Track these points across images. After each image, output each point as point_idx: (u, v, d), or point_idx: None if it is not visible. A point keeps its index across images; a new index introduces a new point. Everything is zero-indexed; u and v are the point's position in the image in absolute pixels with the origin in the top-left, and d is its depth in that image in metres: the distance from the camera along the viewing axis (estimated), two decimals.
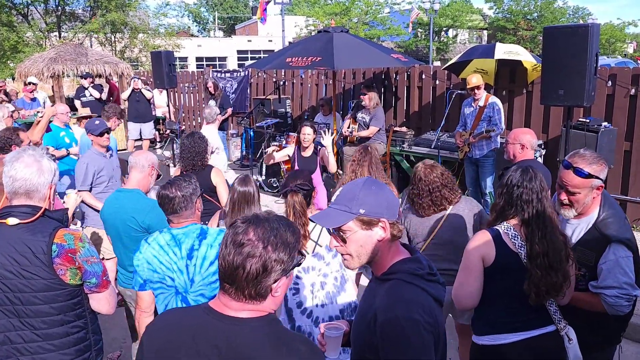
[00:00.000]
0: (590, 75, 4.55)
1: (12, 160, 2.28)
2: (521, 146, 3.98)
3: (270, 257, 1.45)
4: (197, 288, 2.64)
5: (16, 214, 2.22)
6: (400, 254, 1.84)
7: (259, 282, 1.46)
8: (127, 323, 3.97)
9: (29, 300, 2.19)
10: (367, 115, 7.53)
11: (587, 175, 2.55)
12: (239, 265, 1.44)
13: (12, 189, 2.26)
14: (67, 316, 2.28)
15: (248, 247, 1.45)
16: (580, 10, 39.95)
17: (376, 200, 1.75)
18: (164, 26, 25.81)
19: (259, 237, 1.46)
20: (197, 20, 64.32)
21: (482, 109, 6.30)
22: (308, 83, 10.42)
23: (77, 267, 2.26)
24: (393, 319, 1.65)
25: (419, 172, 3.44)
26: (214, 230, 2.75)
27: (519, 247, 2.45)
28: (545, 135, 6.97)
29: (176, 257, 2.65)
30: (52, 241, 2.20)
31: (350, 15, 31.87)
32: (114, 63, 13.45)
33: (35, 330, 2.22)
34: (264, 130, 9.29)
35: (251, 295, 1.48)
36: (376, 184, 1.82)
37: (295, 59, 7.09)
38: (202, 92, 12.44)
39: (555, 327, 2.47)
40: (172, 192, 2.69)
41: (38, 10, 21.56)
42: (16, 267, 2.17)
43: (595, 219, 2.62)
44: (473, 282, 2.49)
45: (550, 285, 2.39)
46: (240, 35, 48.59)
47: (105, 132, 4.82)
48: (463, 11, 39.33)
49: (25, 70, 12.67)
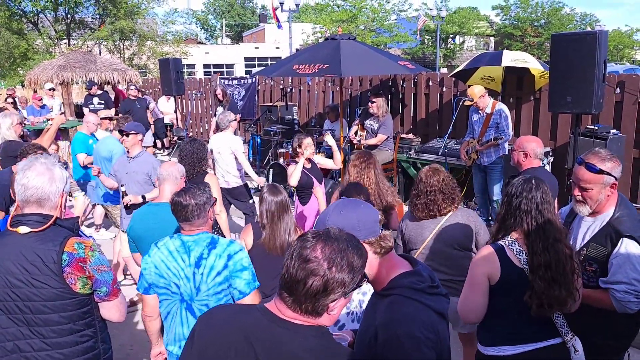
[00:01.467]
0: (599, 82, 4.54)
1: (24, 169, 2.29)
2: (524, 154, 3.96)
3: (334, 278, 1.44)
4: (202, 297, 2.64)
5: (27, 222, 2.23)
6: (398, 267, 1.79)
7: (317, 300, 1.46)
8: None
9: (39, 309, 2.19)
10: (376, 123, 7.53)
11: (598, 171, 2.58)
12: (301, 280, 1.44)
13: (24, 197, 2.26)
14: (77, 325, 2.28)
15: (313, 264, 1.44)
16: (588, 17, 39.80)
17: (345, 223, 1.69)
18: (171, 33, 26.07)
19: (326, 256, 1.45)
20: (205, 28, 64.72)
21: (490, 115, 6.28)
22: (315, 90, 10.45)
23: (88, 276, 2.25)
24: (393, 337, 1.63)
25: (421, 174, 3.44)
26: (225, 241, 2.72)
27: (524, 263, 2.42)
28: (553, 142, 6.94)
29: (184, 263, 2.65)
30: (62, 250, 2.20)
31: (358, 22, 31.99)
32: (122, 70, 13.57)
33: (45, 339, 2.22)
34: (271, 137, 9.32)
35: (307, 311, 1.48)
36: (346, 205, 1.77)
37: (303, 66, 7.11)
38: (209, 99, 12.50)
39: (561, 339, 2.44)
40: (186, 200, 2.68)
41: (48, 18, 21.78)
42: (26, 276, 2.17)
43: (610, 217, 2.65)
44: (478, 297, 2.47)
45: (554, 298, 2.36)
46: (248, 42, 48.81)
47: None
48: (470, 18, 39.36)
49: (34, 77, 12.80)
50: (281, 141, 9.29)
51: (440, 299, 1.77)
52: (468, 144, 6.54)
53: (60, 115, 6.14)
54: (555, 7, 37.00)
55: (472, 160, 6.51)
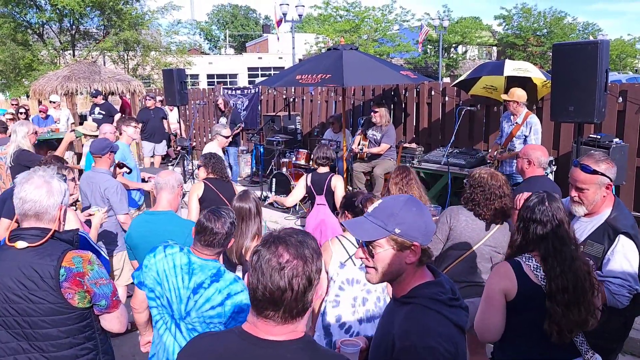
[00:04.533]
0: (601, 92, 4.54)
1: (22, 182, 2.26)
2: (528, 162, 3.94)
3: (312, 270, 1.47)
4: (190, 321, 2.54)
5: (25, 236, 2.20)
6: (422, 276, 1.77)
7: (305, 298, 1.47)
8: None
9: (37, 324, 2.17)
10: (378, 132, 7.54)
11: (592, 171, 2.69)
12: (286, 288, 1.43)
13: (22, 210, 2.24)
14: (76, 339, 2.25)
15: (289, 269, 1.44)
16: (590, 26, 39.89)
17: (414, 223, 1.69)
18: (175, 44, 26.21)
19: (295, 255, 1.45)
20: (209, 38, 65.18)
21: (519, 126, 6.14)
22: (318, 100, 10.48)
23: (86, 290, 2.23)
24: (410, 348, 1.61)
25: (493, 178, 3.39)
26: (230, 276, 2.58)
27: (541, 280, 2.34)
28: (555, 151, 6.93)
29: (182, 284, 2.54)
30: (60, 265, 2.17)
31: (360, 32, 32.13)
32: (127, 81, 13.62)
33: (44, 353, 2.20)
34: (274, 147, 9.34)
35: (298, 313, 1.47)
36: (418, 205, 1.75)
37: (305, 76, 7.14)
38: (212, 109, 12.54)
39: (582, 358, 2.37)
40: (217, 228, 2.58)
41: (53, 30, 21.92)
42: (24, 291, 2.15)
43: (607, 217, 2.74)
44: (494, 315, 2.39)
45: (574, 322, 2.28)
46: (251, 53, 49.07)
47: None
48: (472, 28, 39.51)
49: (39, 88, 12.86)
50: (284, 151, 9.31)
51: (460, 312, 1.74)
52: (495, 148, 6.50)
53: (70, 132, 6.23)
54: (557, 16, 37.11)
55: (494, 167, 6.48)
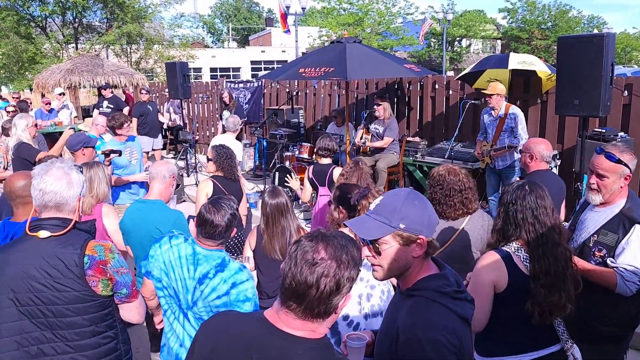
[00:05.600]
0: (606, 85, 4.51)
1: (41, 174, 2.29)
2: (530, 156, 3.92)
3: (344, 276, 1.43)
4: (197, 310, 2.60)
5: (47, 226, 2.24)
6: (427, 269, 1.78)
7: (330, 301, 1.44)
8: (147, 331, 3.98)
9: (62, 312, 2.20)
10: (381, 126, 7.52)
11: (617, 161, 2.71)
12: (312, 284, 1.41)
13: (42, 202, 2.27)
14: (99, 327, 2.28)
15: (321, 267, 1.42)
16: (596, 19, 39.62)
17: (418, 216, 1.69)
18: (178, 37, 26.08)
19: (332, 256, 1.43)
20: (212, 31, 65.03)
21: (503, 119, 6.19)
22: (321, 93, 10.45)
23: (109, 278, 2.27)
24: (414, 340, 1.61)
25: (444, 173, 3.28)
26: (235, 266, 2.62)
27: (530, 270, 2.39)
28: (560, 145, 6.90)
29: (188, 274, 2.60)
30: (83, 253, 2.22)
31: (364, 25, 31.98)
32: (130, 74, 13.63)
33: (68, 342, 2.23)
34: (277, 140, 9.33)
35: (319, 314, 1.45)
36: (419, 198, 1.75)
37: (308, 70, 7.11)
38: (215, 102, 12.53)
39: (560, 345, 2.42)
40: (217, 220, 2.62)
41: (56, 23, 21.92)
42: (49, 280, 2.18)
43: (622, 207, 2.75)
44: (483, 306, 2.39)
45: (554, 305, 2.33)
46: (254, 46, 48.95)
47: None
48: (476, 21, 39.28)
49: (42, 81, 12.89)
50: (287, 144, 9.30)
51: (465, 304, 1.74)
52: (482, 145, 6.49)
53: (69, 129, 6.27)
54: (562, 9, 36.83)
55: (485, 164, 6.47)
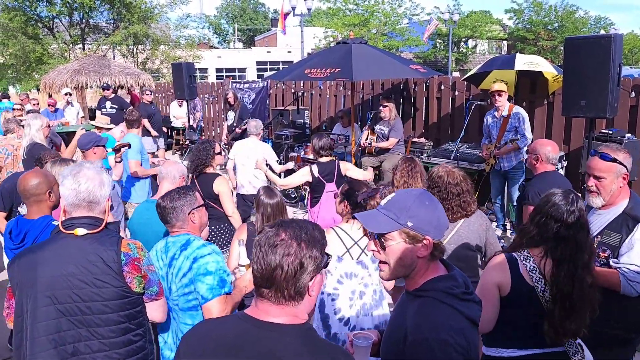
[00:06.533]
0: (613, 86, 4.50)
1: (74, 174, 2.33)
2: (536, 157, 3.89)
3: (305, 254, 1.49)
4: (173, 297, 2.67)
5: (81, 225, 2.28)
6: (435, 270, 1.78)
7: (297, 280, 1.48)
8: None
9: (100, 308, 2.23)
10: (386, 127, 7.51)
11: (611, 159, 2.71)
12: (277, 265, 1.47)
13: (76, 201, 2.31)
14: (132, 324, 2.32)
15: (283, 247, 1.48)
16: (603, 20, 39.42)
17: (427, 217, 1.71)
18: (184, 38, 26.12)
19: (291, 236, 1.49)
20: (217, 32, 65.18)
21: (507, 119, 6.17)
22: (327, 94, 10.46)
23: (142, 275, 2.32)
24: (422, 340, 1.62)
25: (443, 175, 3.26)
26: (197, 243, 2.70)
27: (535, 281, 2.32)
28: (567, 147, 6.87)
29: (162, 263, 2.73)
30: (120, 250, 2.27)
31: (369, 26, 31.98)
32: (136, 74, 13.68)
33: (103, 339, 2.25)
34: (282, 141, 9.34)
35: (291, 295, 1.49)
36: (431, 199, 1.76)
37: (314, 71, 7.12)
38: (221, 102, 12.55)
39: (563, 348, 2.35)
40: (164, 202, 2.77)
41: (63, 23, 22.01)
42: (88, 277, 2.21)
43: (625, 207, 2.74)
44: (488, 307, 2.35)
45: (570, 331, 2.27)
46: (260, 47, 49.01)
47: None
48: (482, 22, 39.17)
49: (49, 81, 12.96)
50: (292, 145, 9.30)
51: (472, 305, 1.75)
52: (487, 148, 6.47)
53: (80, 130, 6.30)
54: (568, 10, 36.68)
55: (490, 166, 6.44)
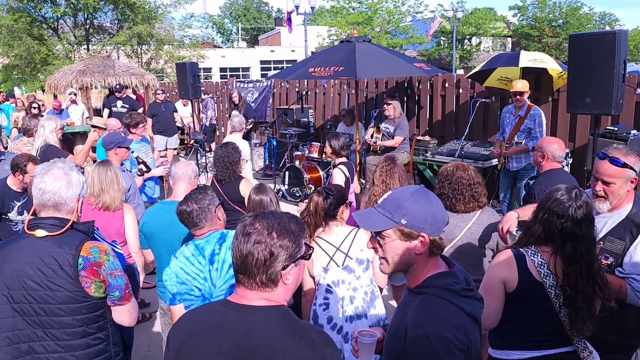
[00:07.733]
0: (618, 83, 4.47)
1: (41, 173, 2.31)
2: (542, 155, 3.87)
3: (275, 243, 1.56)
4: (218, 292, 2.68)
5: (44, 226, 2.25)
6: (436, 267, 1.79)
7: (268, 267, 1.56)
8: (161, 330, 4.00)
9: (54, 311, 2.21)
10: (391, 125, 7.51)
11: (623, 165, 2.60)
12: (248, 252, 1.56)
13: (41, 201, 2.29)
14: (90, 328, 2.29)
15: (254, 236, 1.57)
16: (607, 17, 39.22)
17: (421, 214, 1.71)
18: (188, 37, 26.19)
19: (264, 226, 1.58)
20: (221, 31, 65.25)
21: (522, 119, 6.04)
22: (330, 93, 10.45)
23: (102, 280, 2.28)
24: (422, 336, 1.63)
25: (453, 169, 3.33)
26: (233, 233, 2.71)
27: (544, 277, 2.28)
28: (572, 143, 6.85)
29: (201, 265, 2.70)
30: (78, 254, 2.23)
31: (373, 24, 31.92)
32: (140, 75, 13.68)
33: (58, 341, 2.24)
34: (286, 140, 9.35)
35: (262, 282, 1.57)
36: (426, 196, 1.76)
37: (318, 69, 7.12)
38: (225, 102, 12.58)
39: (573, 348, 2.34)
40: (189, 206, 2.76)
41: (67, 24, 22.10)
42: (43, 279, 2.19)
43: (628, 212, 2.65)
44: (493, 304, 2.35)
45: (578, 331, 2.28)
46: (264, 46, 49.03)
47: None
48: (487, 19, 39.04)
49: (54, 82, 12.98)
50: (297, 144, 9.31)
51: (473, 302, 1.76)
52: (500, 144, 6.39)
53: (93, 132, 6.29)
54: (573, 6, 36.52)
55: (501, 165, 6.40)
